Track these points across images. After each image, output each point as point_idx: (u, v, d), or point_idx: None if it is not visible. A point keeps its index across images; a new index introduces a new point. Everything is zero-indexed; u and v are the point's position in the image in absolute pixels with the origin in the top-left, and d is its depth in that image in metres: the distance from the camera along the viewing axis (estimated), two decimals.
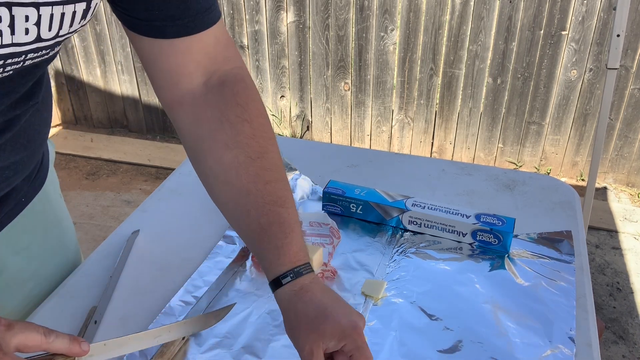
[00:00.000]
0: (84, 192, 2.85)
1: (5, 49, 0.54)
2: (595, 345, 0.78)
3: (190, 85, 0.71)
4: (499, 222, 0.94)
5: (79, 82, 3.30)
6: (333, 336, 0.63)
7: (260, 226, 0.69)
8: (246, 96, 0.72)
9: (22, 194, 0.80)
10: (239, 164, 0.69)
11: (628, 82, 2.63)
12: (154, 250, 0.95)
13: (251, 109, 0.72)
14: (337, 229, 0.92)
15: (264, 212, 0.69)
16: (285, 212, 0.69)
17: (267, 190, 0.69)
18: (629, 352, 2.00)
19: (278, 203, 0.69)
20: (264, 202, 0.69)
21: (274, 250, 0.68)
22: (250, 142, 0.70)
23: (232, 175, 0.70)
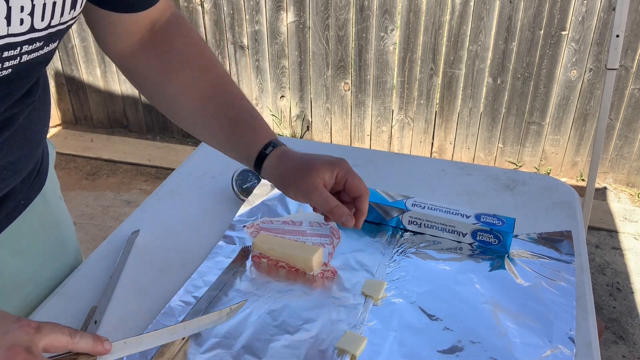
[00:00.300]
0: (84, 192, 2.85)
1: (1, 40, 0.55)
2: (595, 345, 0.78)
3: (140, 36, 0.80)
4: (499, 222, 0.94)
5: (79, 82, 3.30)
6: (325, 169, 0.75)
7: (230, 119, 0.79)
8: (186, 28, 0.84)
9: (21, 197, 0.79)
10: (195, 78, 0.81)
11: (628, 82, 2.63)
12: (154, 250, 0.95)
13: (193, 36, 0.83)
14: (337, 229, 0.92)
15: (229, 107, 0.80)
16: (246, 103, 0.81)
17: (226, 90, 0.81)
18: (629, 352, 2.00)
19: (238, 97, 0.81)
20: (226, 99, 0.80)
21: (250, 131, 0.79)
22: (199, 59, 0.82)
23: (192, 89, 0.80)
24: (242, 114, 0.79)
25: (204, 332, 0.78)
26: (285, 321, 0.80)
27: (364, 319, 0.80)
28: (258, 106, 3.15)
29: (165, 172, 3.00)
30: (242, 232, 0.98)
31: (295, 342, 0.76)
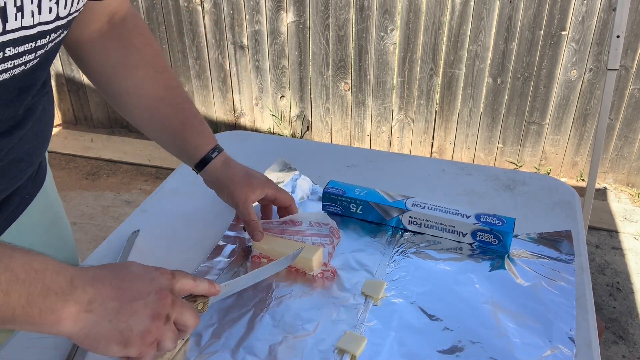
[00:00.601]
0: (84, 192, 2.85)
1: (35, 29, 0.58)
2: (595, 345, 0.78)
3: (98, 25, 0.83)
4: (499, 222, 0.94)
5: (79, 82, 3.30)
6: (257, 188, 0.87)
7: (180, 121, 0.87)
8: (142, 27, 0.88)
9: (25, 191, 0.81)
10: (150, 78, 0.85)
11: (628, 82, 2.63)
12: (154, 250, 0.95)
13: (149, 37, 0.88)
14: (337, 229, 0.92)
15: (180, 109, 0.87)
16: (194, 108, 0.89)
17: (177, 93, 0.88)
18: (629, 352, 2.00)
19: (187, 102, 0.88)
20: (177, 102, 0.87)
21: (197, 135, 0.88)
22: (154, 59, 0.86)
23: (146, 88, 0.85)
24: (191, 118, 0.88)
25: (204, 332, 0.78)
26: (285, 321, 0.80)
27: (364, 319, 0.80)
28: (258, 106, 3.15)
29: (165, 172, 3.00)
30: (243, 232, 0.98)
31: (295, 342, 0.76)
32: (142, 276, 0.62)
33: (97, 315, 0.57)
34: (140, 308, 0.60)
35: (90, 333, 0.57)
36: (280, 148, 1.29)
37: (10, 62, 0.58)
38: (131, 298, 0.60)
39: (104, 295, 0.58)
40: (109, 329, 0.58)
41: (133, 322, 0.59)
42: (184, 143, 0.88)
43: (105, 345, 0.58)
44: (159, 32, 3.05)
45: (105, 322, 0.58)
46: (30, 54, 0.61)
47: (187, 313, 0.64)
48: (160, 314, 0.61)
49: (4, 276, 0.52)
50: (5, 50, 0.56)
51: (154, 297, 0.61)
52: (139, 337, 0.59)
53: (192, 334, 0.77)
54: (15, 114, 0.67)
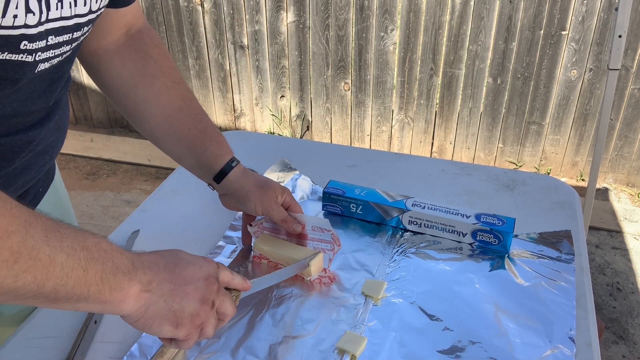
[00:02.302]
0: (84, 192, 2.85)
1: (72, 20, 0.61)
2: (595, 345, 0.78)
3: (116, 37, 0.85)
4: (499, 222, 0.94)
5: (79, 82, 3.30)
6: (279, 192, 0.88)
7: (199, 131, 0.87)
8: (158, 39, 0.90)
9: (39, 184, 0.82)
10: (167, 88, 0.86)
11: (628, 82, 2.63)
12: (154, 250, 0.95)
13: (164, 49, 0.90)
14: (337, 237, 0.91)
15: (198, 119, 0.87)
16: (209, 119, 0.90)
17: (194, 105, 0.88)
18: (629, 352, 2.00)
19: (203, 113, 0.89)
20: (195, 113, 0.88)
21: (216, 144, 0.88)
22: (171, 71, 0.87)
23: (165, 98, 0.86)
24: (209, 128, 0.88)
25: None
26: (286, 321, 0.80)
27: (364, 319, 0.80)
28: (258, 106, 3.15)
29: (165, 172, 3.00)
30: None
31: (295, 342, 0.76)
32: (193, 263, 0.65)
33: (155, 295, 0.60)
34: (191, 291, 0.63)
35: (148, 312, 0.60)
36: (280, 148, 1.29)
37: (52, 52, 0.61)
38: (184, 281, 0.63)
39: (160, 277, 0.61)
40: (164, 309, 0.61)
41: (185, 303, 0.62)
42: (203, 152, 0.87)
43: (159, 324, 0.61)
44: (159, 32, 3.05)
45: (162, 302, 0.60)
46: (67, 45, 0.63)
47: (227, 302, 0.67)
48: (208, 298, 0.64)
49: (83, 254, 0.54)
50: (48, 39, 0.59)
51: (203, 283, 0.64)
52: (189, 319, 0.62)
53: None
54: (46, 105, 0.70)
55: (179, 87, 0.87)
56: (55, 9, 0.57)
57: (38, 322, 0.81)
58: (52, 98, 0.70)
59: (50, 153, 0.77)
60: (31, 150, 0.70)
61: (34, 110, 0.68)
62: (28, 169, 0.73)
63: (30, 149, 0.70)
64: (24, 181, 0.74)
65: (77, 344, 0.75)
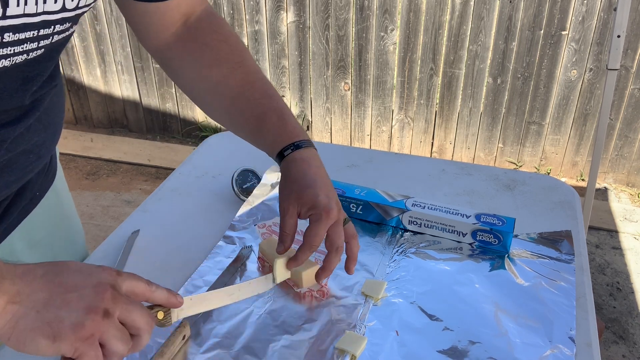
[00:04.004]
0: (84, 192, 2.85)
1: (38, 17, 0.58)
2: (595, 345, 0.78)
3: (174, 29, 0.83)
4: (499, 222, 0.94)
5: (79, 82, 3.30)
6: (306, 204, 0.75)
7: (256, 116, 0.81)
8: (218, 24, 0.85)
9: (36, 187, 0.81)
10: (225, 75, 0.82)
11: (628, 82, 2.63)
12: (154, 250, 0.95)
13: (224, 32, 0.85)
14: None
15: (257, 105, 0.81)
16: (274, 102, 0.82)
17: (255, 87, 0.83)
18: (629, 352, 2.00)
19: (267, 96, 0.82)
20: (254, 97, 0.82)
21: (274, 129, 0.80)
22: (229, 56, 0.83)
23: (222, 86, 0.83)
24: (268, 112, 0.81)
25: (204, 332, 0.78)
26: (285, 321, 0.80)
27: (364, 319, 0.80)
28: None
29: (165, 172, 3.00)
30: (242, 232, 0.98)
31: (295, 342, 0.76)
32: (81, 271, 0.57)
33: (24, 306, 0.53)
34: (74, 300, 0.55)
35: (18, 327, 0.53)
36: None
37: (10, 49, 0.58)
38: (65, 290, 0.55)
39: (33, 287, 0.54)
40: (36, 320, 0.53)
41: (64, 313, 0.54)
42: (261, 138, 0.82)
43: (32, 339, 0.53)
44: None
45: (33, 313, 0.53)
46: (33, 43, 0.60)
47: (135, 312, 0.58)
48: (97, 307, 0.55)
49: None
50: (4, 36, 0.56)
51: (91, 291, 0.56)
52: (71, 330, 0.54)
53: (192, 334, 0.77)
54: (20, 104, 0.67)
55: (237, 72, 0.83)
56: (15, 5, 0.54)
57: None
58: (27, 97, 0.67)
59: (36, 153, 0.74)
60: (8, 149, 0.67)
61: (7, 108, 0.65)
62: (9, 169, 0.70)
63: (5, 148, 0.67)
64: (7, 181, 0.71)
65: None
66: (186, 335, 0.76)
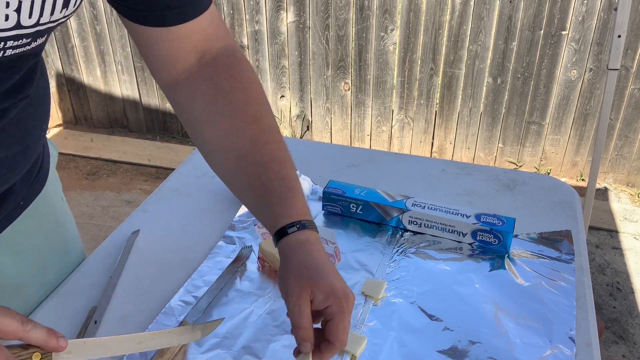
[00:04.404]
0: (84, 192, 2.85)
1: None
2: (595, 345, 0.78)
3: (186, 65, 0.74)
4: (499, 222, 0.94)
5: (79, 82, 3.30)
6: (323, 291, 0.63)
7: (262, 183, 0.71)
8: (238, 68, 0.75)
9: (20, 197, 0.79)
10: (236, 129, 0.72)
11: (628, 82, 2.63)
12: (154, 250, 0.95)
13: (243, 79, 0.75)
14: (339, 251, 0.90)
15: (265, 170, 0.71)
16: (285, 170, 0.72)
17: (266, 150, 0.72)
18: (629, 352, 2.00)
19: (277, 161, 0.72)
20: (264, 161, 0.71)
21: (279, 202, 0.70)
22: (244, 108, 0.73)
23: (230, 140, 0.73)
24: (275, 181, 0.71)
25: None
26: (285, 321, 0.80)
27: (364, 319, 0.80)
28: None
29: (165, 172, 3.00)
30: (242, 232, 0.98)
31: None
32: None
33: None
34: None
35: None
36: None
37: None
38: None
39: None
40: None
41: None
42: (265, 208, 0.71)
43: None
44: None
45: None
46: None
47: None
48: None
49: None
50: None
51: None
52: None
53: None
54: None
55: (249, 128, 0.72)
56: None
57: (38, 321, 0.81)
58: None
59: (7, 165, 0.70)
60: None
61: None
62: None
63: None
64: None
65: None
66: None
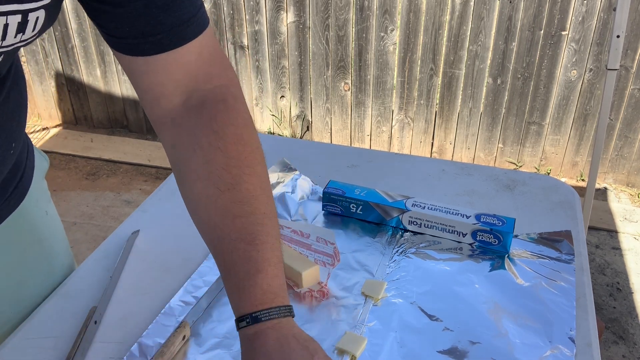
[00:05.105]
0: (84, 192, 2.85)
1: None
2: (595, 345, 0.78)
3: (170, 105, 0.67)
4: (499, 222, 0.94)
5: (79, 82, 3.30)
6: None
7: (225, 263, 0.64)
8: (224, 120, 0.67)
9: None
10: (207, 197, 0.65)
11: (628, 82, 2.63)
12: (154, 250, 0.95)
13: (227, 135, 0.66)
14: (339, 252, 0.90)
15: (230, 249, 0.64)
16: (254, 250, 0.63)
17: (236, 225, 0.64)
18: (629, 352, 2.00)
19: (246, 240, 0.63)
20: (231, 238, 0.64)
21: (237, 291, 0.63)
22: (221, 173, 0.65)
23: (201, 208, 0.67)
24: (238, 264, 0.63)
25: (204, 332, 0.78)
26: None
27: (364, 319, 0.80)
28: (258, 106, 3.15)
29: (165, 172, 3.00)
30: None
31: None
32: None
33: None
34: None
35: None
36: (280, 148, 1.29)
37: None
38: None
39: None
40: None
41: None
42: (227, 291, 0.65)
43: None
44: None
45: None
46: None
47: None
48: None
49: None
50: None
51: None
52: None
53: (192, 334, 0.77)
54: None
55: (222, 196, 0.64)
56: None
57: (38, 322, 0.81)
58: None
59: None
60: None
61: None
62: None
63: None
64: None
65: (77, 344, 0.75)
66: (186, 335, 0.76)
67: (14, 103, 0.70)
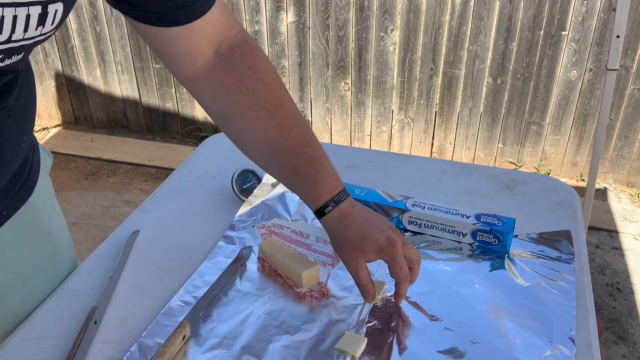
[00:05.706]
0: (84, 192, 2.85)
1: None
2: (595, 345, 0.78)
3: (204, 60, 0.77)
4: (498, 222, 0.94)
5: (79, 82, 3.30)
6: (372, 251, 0.77)
7: (293, 168, 0.78)
8: (253, 56, 0.78)
9: (2, 207, 0.77)
10: (261, 119, 0.77)
11: (628, 82, 2.63)
12: (154, 250, 0.95)
13: (260, 68, 0.78)
14: None
15: (293, 154, 0.78)
16: (312, 151, 0.79)
17: (292, 135, 0.78)
18: (629, 352, 2.00)
19: (303, 144, 0.78)
20: (291, 146, 0.78)
21: (311, 185, 0.78)
22: (266, 97, 0.77)
23: (258, 131, 0.78)
24: (305, 164, 0.78)
25: (204, 332, 0.78)
26: (285, 321, 0.80)
27: (364, 319, 0.80)
28: None
29: (165, 172, 3.00)
30: (242, 232, 0.98)
31: (295, 343, 0.76)
32: None
33: None
34: None
35: None
36: None
37: None
38: None
39: None
40: None
41: None
42: (299, 192, 0.80)
43: None
44: None
45: None
46: None
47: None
48: None
49: None
50: None
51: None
52: None
53: (192, 334, 0.77)
54: None
55: (274, 115, 0.77)
56: None
57: (38, 322, 0.81)
58: None
59: None
60: None
61: None
62: None
63: None
64: None
65: (77, 344, 0.75)
66: (186, 335, 0.76)
67: (26, 97, 0.74)
